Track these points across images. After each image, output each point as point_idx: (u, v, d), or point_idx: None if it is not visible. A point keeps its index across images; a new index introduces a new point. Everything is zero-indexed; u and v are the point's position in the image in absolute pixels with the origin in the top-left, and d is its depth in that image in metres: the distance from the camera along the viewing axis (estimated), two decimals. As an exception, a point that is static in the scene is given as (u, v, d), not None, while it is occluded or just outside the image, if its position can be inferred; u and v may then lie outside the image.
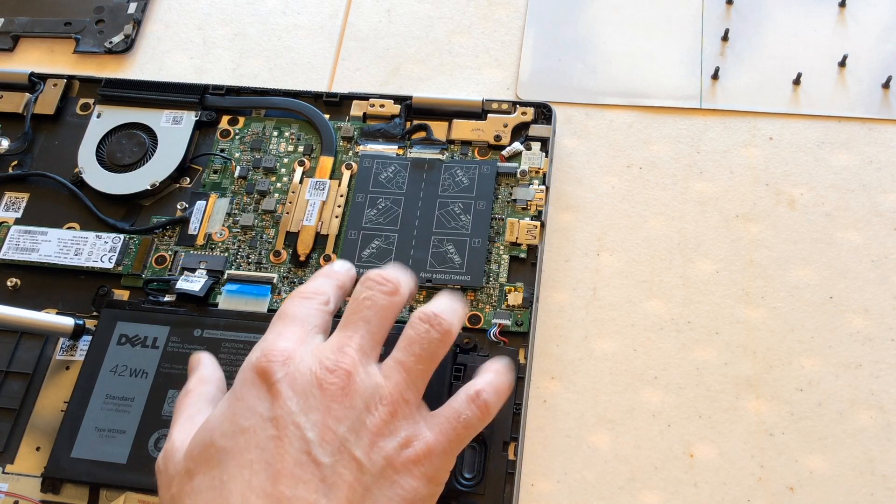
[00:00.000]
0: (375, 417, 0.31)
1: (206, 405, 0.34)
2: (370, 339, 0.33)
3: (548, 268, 0.43)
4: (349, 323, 0.33)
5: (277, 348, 0.32)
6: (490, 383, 0.33)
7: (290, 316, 0.34)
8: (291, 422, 0.30)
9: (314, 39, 0.52)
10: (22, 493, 0.39)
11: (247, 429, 0.30)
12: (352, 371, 0.31)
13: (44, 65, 0.53)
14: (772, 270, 0.42)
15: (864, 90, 0.46)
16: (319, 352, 0.32)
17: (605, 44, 0.50)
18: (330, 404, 0.30)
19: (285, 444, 0.29)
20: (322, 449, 0.29)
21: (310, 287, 0.35)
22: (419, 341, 0.32)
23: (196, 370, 0.37)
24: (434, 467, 0.31)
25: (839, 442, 0.38)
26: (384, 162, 0.45)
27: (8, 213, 0.47)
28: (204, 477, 0.30)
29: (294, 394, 0.30)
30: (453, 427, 0.32)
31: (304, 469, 0.29)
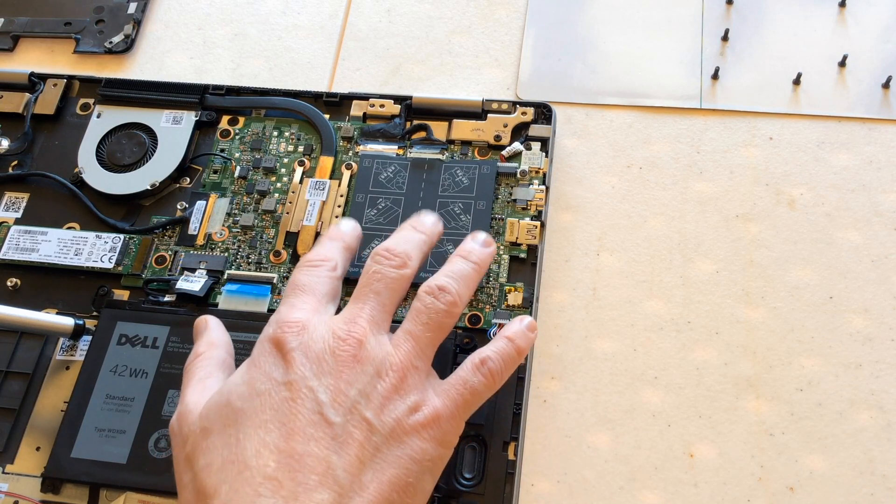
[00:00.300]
0: (386, 383, 0.32)
1: (216, 368, 0.35)
2: (381, 311, 0.34)
3: (548, 268, 0.43)
4: (360, 295, 0.34)
5: (291, 319, 0.33)
6: (497, 351, 0.34)
7: (300, 286, 0.35)
8: (305, 385, 0.31)
9: (314, 39, 0.52)
10: (22, 493, 0.39)
11: (262, 392, 0.31)
12: (363, 339, 0.32)
13: (44, 65, 0.53)
14: (772, 270, 0.42)
15: (864, 90, 0.46)
16: (332, 322, 0.33)
17: (605, 44, 0.50)
18: (342, 369, 0.31)
19: (298, 405, 0.31)
20: (334, 410, 0.31)
21: (317, 254, 0.36)
22: (426, 312, 0.34)
23: (204, 333, 0.37)
24: (442, 431, 0.32)
25: (839, 442, 0.38)
26: (384, 162, 0.45)
27: (8, 213, 0.47)
28: (219, 435, 0.31)
29: (307, 360, 0.32)
30: (460, 393, 0.33)
31: (317, 428, 0.30)
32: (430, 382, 0.33)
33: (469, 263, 0.36)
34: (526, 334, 0.35)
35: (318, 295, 0.35)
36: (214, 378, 0.35)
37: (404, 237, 0.37)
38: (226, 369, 0.36)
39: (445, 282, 0.34)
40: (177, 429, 0.33)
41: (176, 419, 0.34)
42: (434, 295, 0.34)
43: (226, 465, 0.30)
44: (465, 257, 0.36)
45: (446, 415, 0.32)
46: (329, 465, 0.30)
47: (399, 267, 0.35)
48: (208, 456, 0.31)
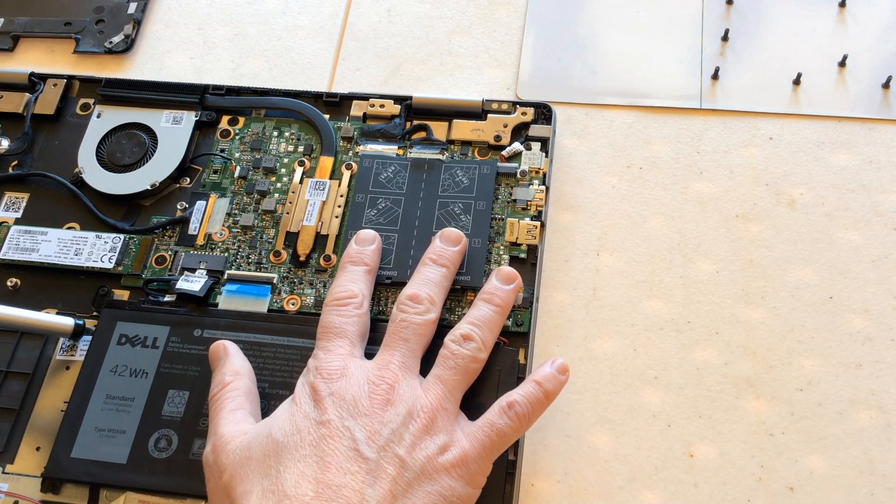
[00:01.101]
0: (417, 423, 0.34)
1: (244, 399, 0.37)
2: (410, 356, 0.36)
3: (548, 268, 0.43)
4: (390, 343, 0.37)
5: (329, 368, 0.35)
6: (525, 395, 0.35)
7: (332, 329, 0.37)
8: (342, 424, 0.33)
9: (314, 39, 0.52)
10: (22, 493, 0.39)
11: (302, 429, 0.33)
12: (394, 384, 0.35)
13: (44, 65, 0.53)
14: (772, 270, 0.42)
15: (864, 90, 0.46)
16: (366, 368, 0.35)
17: (605, 44, 0.50)
18: (376, 411, 0.34)
19: (336, 442, 0.33)
20: (368, 447, 0.33)
21: (342, 289, 0.38)
22: (453, 358, 0.36)
23: (226, 360, 0.38)
24: (470, 471, 0.34)
25: (839, 442, 0.38)
26: (384, 162, 0.45)
27: (8, 213, 0.47)
28: (259, 465, 0.33)
29: (345, 403, 0.34)
30: (487, 436, 0.34)
31: (352, 462, 0.32)
32: (460, 424, 0.35)
33: (492, 308, 0.38)
34: (556, 377, 0.36)
35: (349, 336, 0.37)
36: (243, 410, 0.36)
37: (426, 277, 0.38)
38: (252, 399, 0.37)
39: (470, 330, 0.37)
40: (212, 461, 0.34)
41: (211, 451, 0.35)
42: (459, 344, 0.36)
43: (266, 494, 0.32)
44: (489, 301, 0.38)
45: (474, 456, 0.34)
46: (364, 496, 0.31)
47: (424, 313, 0.37)
48: (247, 484, 0.32)
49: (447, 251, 0.39)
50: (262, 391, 0.39)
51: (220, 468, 0.34)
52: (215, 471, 0.34)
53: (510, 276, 0.39)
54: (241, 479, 0.33)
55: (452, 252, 0.40)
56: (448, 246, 0.40)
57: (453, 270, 0.40)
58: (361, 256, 0.40)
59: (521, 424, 0.35)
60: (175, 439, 0.38)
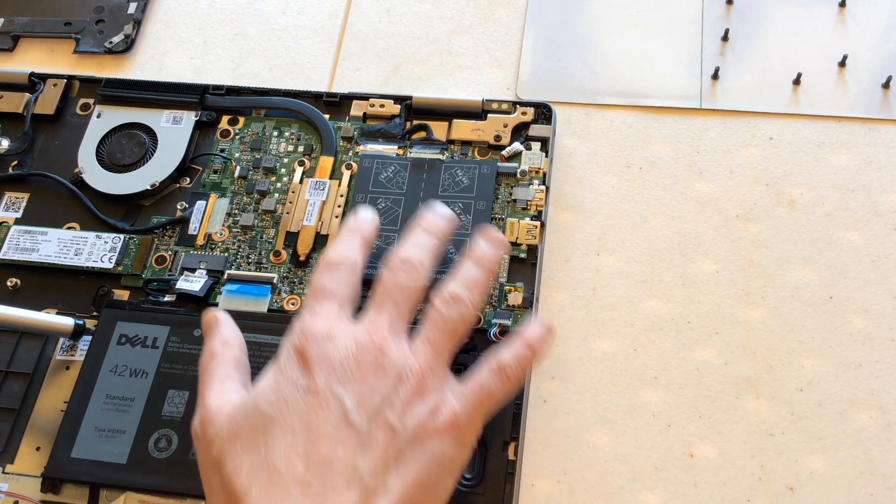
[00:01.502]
0: (407, 388, 0.33)
1: (233, 368, 0.36)
2: (399, 318, 0.35)
3: (548, 268, 0.43)
4: (378, 304, 0.35)
5: (316, 329, 0.34)
6: (514, 354, 0.35)
7: (321, 291, 0.36)
8: (330, 392, 0.32)
9: (314, 39, 0.52)
10: (22, 493, 0.39)
11: (289, 399, 0.32)
12: (384, 346, 0.33)
13: (44, 65, 0.53)
14: (772, 270, 0.42)
15: (864, 90, 0.46)
16: (354, 330, 0.34)
17: (605, 44, 0.50)
18: (366, 376, 0.33)
19: (325, 412, 0.32)
20: (359, 415, 0.32)
21: (336, 253, 0.37)
22: (441, 319, 0.35)
23: (216, 330, 0.37)
24: (461, 433, 0.33)
25: (839, 442, 0.38)
26: (384, 162, 0.45)
27: (8, 213, 0.47)
28: (248, 440, 0.32)
29: (332, 369, 0.33)
30: (477, 397, 0.34)
31: (342, 432, 0.31)
32: (449, 386, 0.34)
33: (480, 269, 0.37)
34: (543, 337, 0.36)
35: (339, 299, 0.35)
36: (232, 380, 0.35)
37: (417, 242, 0.37)
38: (242, 369, 0.36)
39: (458, 290, 0.36)
40: (200, 433, 0.34)
41: (199, 423, 0.34)
42: (448, 304, 0.35)
43: (255, 469, 0.31)
44: (476, 263, 0.37)
45: (464, 418, 0.33)
46: (355, 467, 0.31)
47: (413, 275, 0.36)
48: (237, 460, 0.32)
49: (439, 223, 0.39)
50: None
51: (209, 441, 0.33)
52: (204, 444, 0.33)
53: (499, 240, 0.38)
54: (230, 454, 0.32)
55: (444, 225, 0.39)
56: (440, 220, 0.39)
57: (442, 244, 0.39)
58: (360, 227, 0.39)
59: (510, 384, 0.35)
60: (175, 439, 0.38)
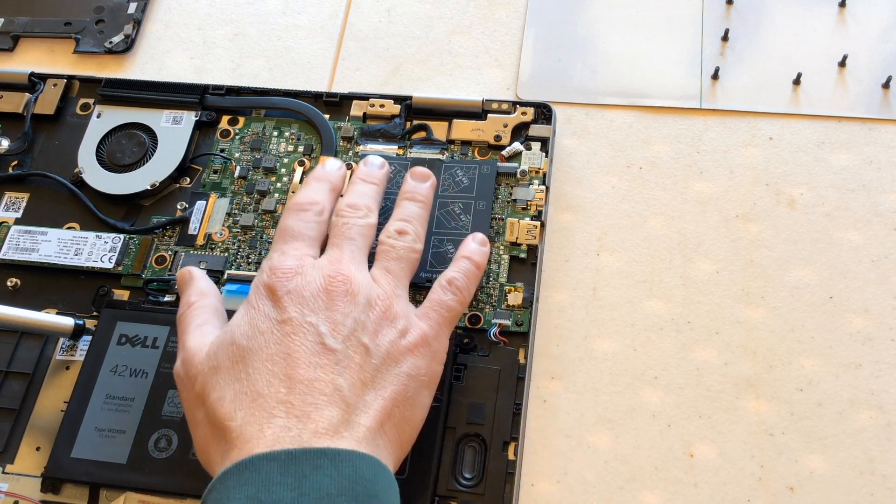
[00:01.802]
0: (376, 311, 0.35)
1: (211, 315, 0.37)
2: (358, 252, 0.37)
3: (548, 268, 0.43)
4: (336, 243, 0.37)
5: (283, 266, 0.36)
6: (460, 270, 0.39)
7: (289, 232, 0.38)
8: (304, 321, 0.34)
9: (314, 39, 0.52)
10: (22, 493, 0.39)
11: (264, 330, 0.34)
12: (350, 276, 0.35)
13: (44, 65, 0.53)
14: (772, 270, 0.42)
15: (864, 90, 0.46)
16: (320, 265, 0.36)
17: (605, 44, 0.50)
18: (337, 303, 0.34)
19: (301, 338, 0.33)
20: (334, 338, 0.33)
21: (304, 196, 0.39)
22: (393, 250, 0.38)
23: (191, 283, 0.39)
24: (431, 349, 0.36)
25: (839, 442, 0.38)
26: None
27: (8, 213, 0.47)
28: (228, 371, 0.33)
29: (303, 300, 0.34)
30: (438, 313, 0.37)
31: (320, 356, 0.33)
32: (412, 309, 0.37)
33: (417, 204, 0.40)
34: (481, 250, 0.40)
35: (306, 240, 0.37)
36: (211, 325, 0.37)
37: (360, 191, 0.40)
38: (219, 316, 0.38)
39: (402, 225, 0.39)
40: (182, 373, 0.35)
41: (181, 364, 0.35)
42: (395, 238, 0.38)
43: (238, 396, 0.32)
44: (412, 199, 0.40)
45: (432, 334, 0.36)
46: (335, 386, 0.32)
47: (364, 217, 0.39)
48: (219, 391, 0.33)
49: (375, 172, 0.41)
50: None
51: (191, 379, 0.34)
52: (187, 382, 0.35)
53: (424, 174, 0.41)
54: (212, 387, 0.33)
55: (380, 173, 0.41)
56: (374, 169, 0.42)
57: (381, 189, 0.41)
58: (327, 174, 0.41)
59: (463, 297, 0.38)
60: (175, 439, 0.38)
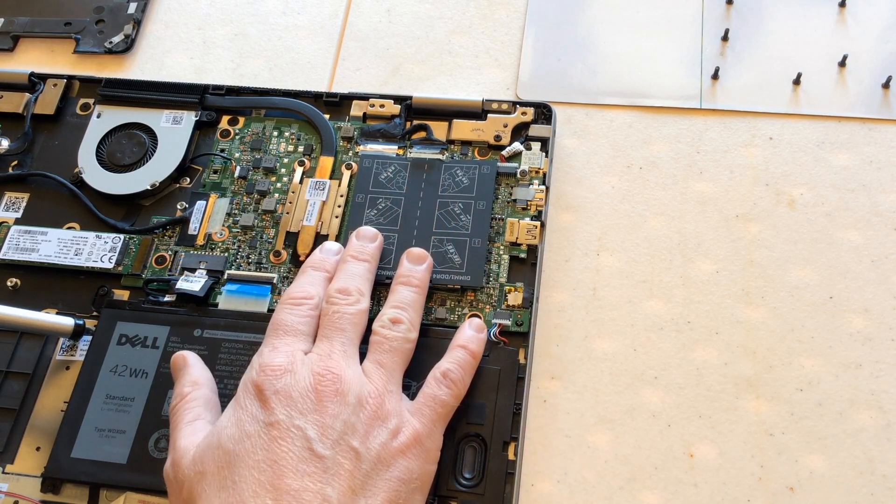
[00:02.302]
0: (367, 411, 0.34)
1: (203, 409, 0.36)
2: (349, 344, 0.36)
3: (548, 268, 0.43)
4: (327, 335, 0.36)
5: (273, 364, 0.35)
6: (455, 361, 0.37)
7: (281, 327, 0.37)
8: (292, 424, 0.33)
9: (314, 39, 0.52)
10: (22, 493, 0.39)
11: (251, 434, 0.33)
12: (340, 373, 0.34)
13: (44, 65, 0.53)
14: (772, 270, 0.42)
15: (864, 90, 0.46)
16: (310, 360, 0.35)
17: (605, 44, 0.50)
18: (326, 404, 0.33)
19: (288, 444, 0.32)
20: (322, 444, 0.32)
21: (299, 290, 0.38)
22: (386, 342, 0.37)
23: (185, 372, 0.38)
24: (424, 448, 0.34)
25: (839, 442, 0.38)
26: (384, 162, 0.45)
27: (8, 213, 0.47)
28: (214, 477, 0.32)
29: (291, 402, 0.33)
30: (432, 409, 0.35)
31: (308, 463, 0.32)
32: (405, 404, 0.36)
33: (412, 289, 0.39)
34: (477, 338, 0.38)
35: (298, 335, 0.36)
36: (202, 420, 0.36)
37: (351, 272, 0.39)
38: (212, 408, 0.37)
39: (396, 313, 0.37)
40: (171, 475, 0.34)
41: (170, 465, 0.34)
42: (389, 328, 0.37)
43: None
44: (407, 283, 0.39)
45: (425, 432, 0.35)
46: (324, 496, 0.31)
47: (354, 304, 0.37)
48: (205, 499, 0.32)
49: (367, 247, 0.40)
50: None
51: (179, 483, 0.33)
52: (175, 487, 0.34)
53: (420, 256, 0.40)
54: (199, 495, 0.32)
55: (371, 247, 0.41)
56: (366, 243, 0.41)
57: (374, 266, 0.40)
58: (324, 263, 0.40)
59: (458, 390, 0.36)
60: (175, 439, 0.38)
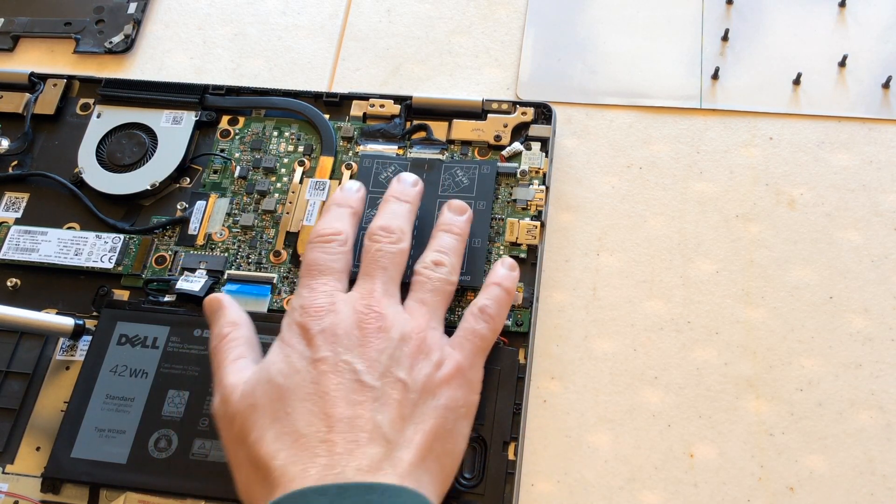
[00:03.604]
0: (410, 345, 0.35)
1: (246, 348, 0.37)
2: (391, 283, 0.37)
3: (548, 268, 0.43)
4: (368, 272, 0.37)
5: (315, 305, 0.36)
6: (491, 297, 0.38)
7: (315, 266, 0.37)
8: (339, 360, 0.34)
9: (314, 39, 0.52)
10: (22, 493, 0.39)
11: (301, 369, 0.34)
12: (382, 311, 0.35)
13: (44, 65, 0.53)
14: (772, 270, 0.42)
15: (864, 90, 0.46)
16: (351, 299, 0.36)
17: (605, 44, 0.50)
18: (371, 340, 0.34)
19: (337, 377, 0.33)
20: (370, 375, 0.33)
21: (327, 226, 0.39)
22: (429, 282, 0.38)
23: (221, 313, 0.38)
24: (467, 379, 0.36)
25: (839, 442, 0.38)
26: (384, 162, 0.45)
27: (8, 213, 0.47)
28: (267, 410, 0.33)
29: (337, 339, 0.34)
30: (471, 342, 0.37)
31: (358, 393, 0.33)
32: (445, 340, 0.37)
33: (453, 236, 0.40)
34: (510, 275, 0.40)
35: (333, 273, 0.37)
36: (246, 358, 0.36)
37: (393, 211, 0.40)
38: (253, 346, 0.37)
39: (439, 256, 0.39)
40: (221, 411, 0.35)
41: (219, 402, 0.35)
42: (432, 269, 0.38)
43: (280, 436, 0.32)
44: (448, 231, 0.40)
45: (467, 364, 0.36)
46: (375, 423, 0.32)
47: (397, 242, 0.38)
48: (259, 430, 0.33)
49: (409, 189, 0.41)
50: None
51: (230, 418, 0.34)
52: (226, 422, 0.34)
53: (461, 207, 0.41)
54: (252, 426, 0.33)
55: (413, 191, 0.41)
56: (408, 186, 0.41)
57: (415, 208, 0.41)
58: (347, 199, 0.41)
59: (495, 324, 0.38)
60: (175, 439, 0.38)
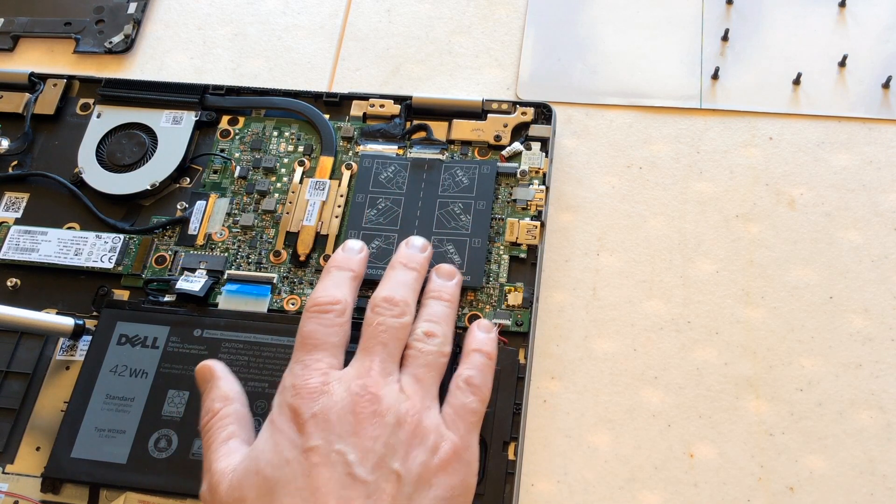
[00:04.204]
0: (406, 430, 0.33)
1: (237, 427, 0.35)
2: (390, 360, 0.35)
3: (548, 268, 0.43)
4: (368, 348, 0.35)
5: (308, 386, 0.34)
6: (475, 366, 0.36)
7: (310, 340, 0.35)
8: (332, 449, 0.32)
9: (314, 39, 0.52)
10: (22, 493, 0.39)
11: (291, 460, 0.32)
12: (378, 392, 0.33)
13: (44, 65, 0.53)
14: (772, 270, 0.42)
15: (864, 90, 0.46)
16: (347, 378, 0.34)
17: (605, 44, 0.50)
18: (366, 426, 0.32)
19: (328, 470, 0.31)
20: (363, 467, 0.31)
21: (324, 295, 0.37)
22: (422, 356, 0.36)
23: (213, 385, 0.37)
24: (464, 462, 0.34)
25: (839, 442, 0.38)
26: (384, 162, 0.45)
27: (8, 213, 0.47)
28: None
29: (329, 425, 0.32)
30: (464, 420, 0.35)
31: (350, 489, 0.31)
32: (440, 419, 0.35)
33: (443, 303, 0.38)
34: (489, 338, 0.38)
35: (329, 348, 0.35)
36: (237, 438, 0.35)
37: (399, 280, 0.38)
38: (245, 425, 0.36)
39: (430, 327, 0.37)
40: (209, 500, 0.33)
41: (207, 490, 0.34)
42: (424, 342, 0.36)
43: None
44: (438, 298, 0.38)
45: (462, 445, 0.34)
46: None
47: (400, 316, 0.36)
48: None
49: (417, 256, 0.39)
50: (261, 391, 0.39)
51: None
52: None
53: (451, 272, 0.40)
54: None
55: (422, 257, 0.39)
56: (416, 252, 0.39)
57: (422, 277, 0.39)
58: (349, 262, 0.39)
59: (483, 394, 0.36)
60: (175, 439, 0.38)
